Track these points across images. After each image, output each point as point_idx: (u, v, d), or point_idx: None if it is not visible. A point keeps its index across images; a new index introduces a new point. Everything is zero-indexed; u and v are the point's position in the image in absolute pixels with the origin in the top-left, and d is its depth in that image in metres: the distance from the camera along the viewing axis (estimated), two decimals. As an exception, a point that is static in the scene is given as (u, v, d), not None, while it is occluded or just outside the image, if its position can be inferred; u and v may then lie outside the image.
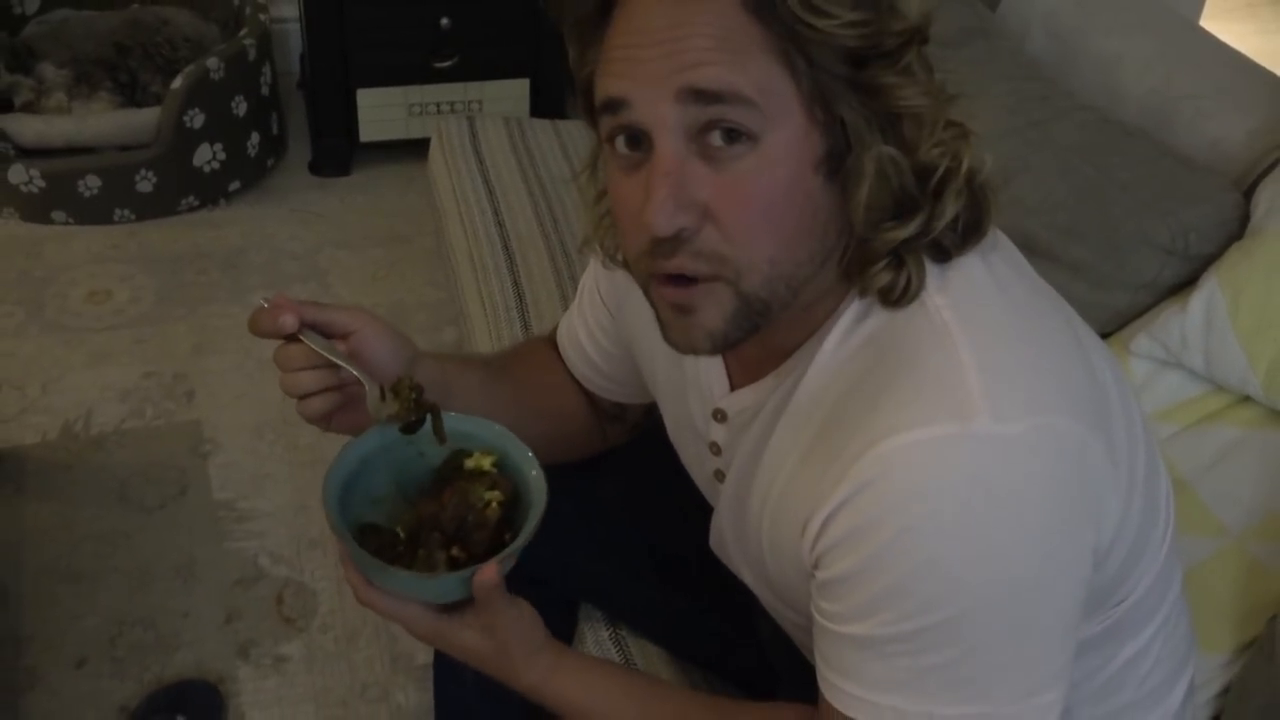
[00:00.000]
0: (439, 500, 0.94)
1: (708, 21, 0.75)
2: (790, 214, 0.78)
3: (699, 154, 0.77)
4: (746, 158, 0.77)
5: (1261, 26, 3.80)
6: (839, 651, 0.83)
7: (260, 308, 0.93)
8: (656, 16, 0.76)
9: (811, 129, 0.77)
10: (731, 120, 0.76)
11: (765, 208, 0.78)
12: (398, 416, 0.93)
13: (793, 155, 0.77)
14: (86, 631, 1.83)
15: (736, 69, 0.75)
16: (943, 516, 0.75)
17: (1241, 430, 1.27)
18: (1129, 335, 1.34)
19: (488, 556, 0.91)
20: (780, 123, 0.76)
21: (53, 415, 2.20)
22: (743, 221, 0.78)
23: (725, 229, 0.78)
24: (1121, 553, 0.88)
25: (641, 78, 0.77)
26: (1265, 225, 1.27)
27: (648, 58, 0.77)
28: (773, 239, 0.79)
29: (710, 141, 0.77)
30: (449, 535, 0.94)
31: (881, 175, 0.78)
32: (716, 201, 0.78)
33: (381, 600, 0.93)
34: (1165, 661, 1.03)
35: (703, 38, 0.75)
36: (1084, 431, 0.79)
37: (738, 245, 0.78)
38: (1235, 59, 1.55)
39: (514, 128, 2.11)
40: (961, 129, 0.80)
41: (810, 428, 0.85)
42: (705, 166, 0.77)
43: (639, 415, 1.23)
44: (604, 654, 1.26)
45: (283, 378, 0.96)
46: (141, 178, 2.63)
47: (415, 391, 0.93)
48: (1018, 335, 0.81)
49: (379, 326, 0.99)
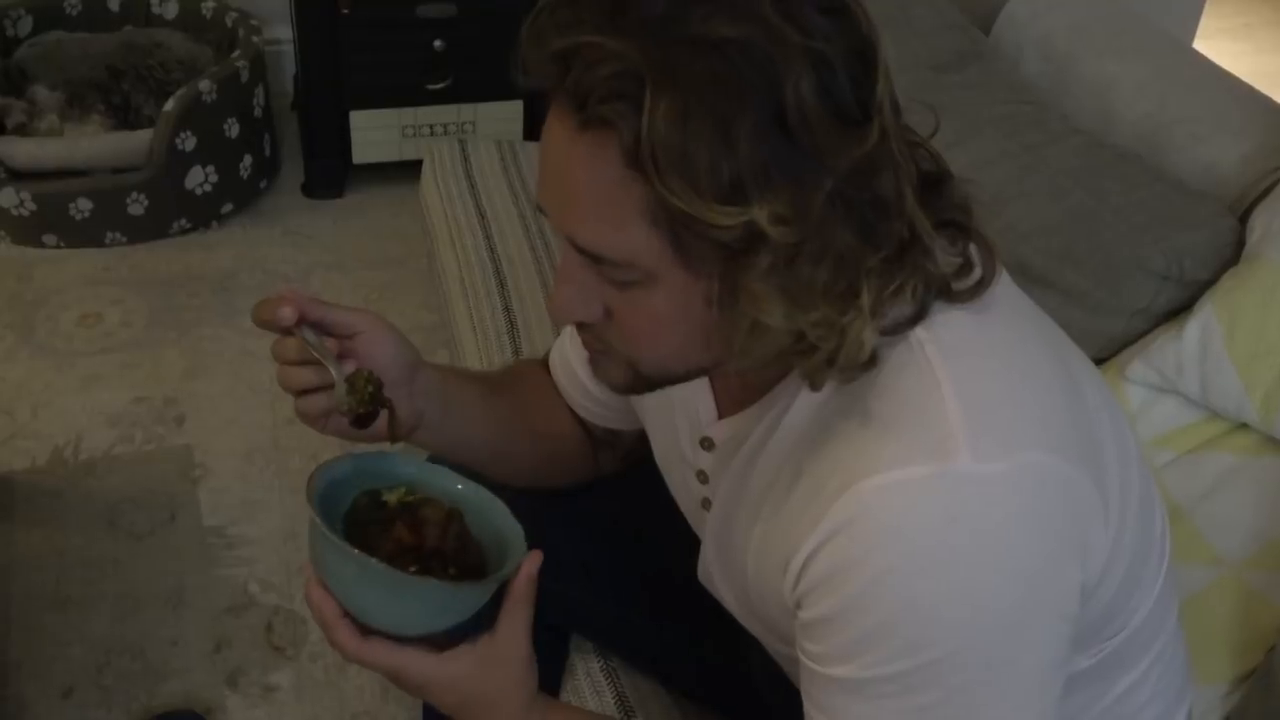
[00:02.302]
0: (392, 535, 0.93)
1: (589, 174, 0.73)
2: (680, 336, 0.80)
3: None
4: (638, 286, 0.78)
5: (1257, 46, 3.81)
6: (825, 693, 0.82)
7: (265, 298, 0.92)
8: (554, 149, 0.76)
9: (696, 280, 0.76)
10: (612, 275, 0.78)
11: (654, 328, 0.80)
12: (351, 409, 0.92)
13: (678, 296, 0.77)
14: (74, 660, 1.81)
15: (612, 233, 0.75)
16: (923, 557, 0.74)
17: (1238, 458, 1.25)
18: (1124, 361, 1.33)
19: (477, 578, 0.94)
20: (662, 278, 0.76)
21: (42, 440, 2.19)
22: (633, 332, 0.81)
23: (619, 332, 0.82)
24: (1113, 586, 0.87)
25: (545, 200, 0.80)
26: (1260, 251, 1.26)
27: (547, 189, 0.79)
28: (663, 350, 0.82)
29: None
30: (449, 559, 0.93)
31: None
32: (614, 308, 0.81)
33: (377, 651, 0.91)
34: (1162, 694, 1.02)
35: (585, 193, 0.75)
36: (1068, 467, 0.78)
37: (629, 346, 0.83)
38: (1230, 83, 1.55)
39: (506, 151, 2.11)
40: (858, 310, 0.74)
41: (793, 462, 0.84)
42: (606, 280, 0.79)
43: (632, 442, 1.22)
44: (594, 685, 1.25)
45: (278, 370, 0.95)
46: (133, 200, 2.62)
47: (372, 385, 0.92)
48: (1002, 369, 0.80)
49: (385, 330, 0.98)
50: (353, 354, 0.95)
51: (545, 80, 0.73)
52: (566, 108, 0.73)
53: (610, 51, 0.69)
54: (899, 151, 0.74)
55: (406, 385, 1.00)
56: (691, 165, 0.69)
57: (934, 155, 0.82)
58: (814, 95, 0.69)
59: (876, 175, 0.72)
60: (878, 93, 0.72)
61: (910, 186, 0.75)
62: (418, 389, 1.02)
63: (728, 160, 0.69)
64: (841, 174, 0.71)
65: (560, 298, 0.82)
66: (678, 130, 0.68)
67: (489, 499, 1.00)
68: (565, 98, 0.72)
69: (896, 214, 0.74)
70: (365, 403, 0.92)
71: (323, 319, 0.94)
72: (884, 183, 0.73)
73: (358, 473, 0.98)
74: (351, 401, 0.91)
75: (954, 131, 1.50)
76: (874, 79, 0.72)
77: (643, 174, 0.70)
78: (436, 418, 1.04)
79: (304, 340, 0.92)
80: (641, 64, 0.68)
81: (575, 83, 0.71)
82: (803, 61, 0.69)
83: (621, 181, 0.71)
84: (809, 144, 0.70)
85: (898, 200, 0.74)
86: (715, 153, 0.68)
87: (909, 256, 0.75)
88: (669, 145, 0.68)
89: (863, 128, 0.71)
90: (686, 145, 0.68)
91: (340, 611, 0.90)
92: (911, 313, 0.78)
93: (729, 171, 0.69)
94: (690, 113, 0.68)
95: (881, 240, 0.73)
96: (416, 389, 1.02)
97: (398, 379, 0.98)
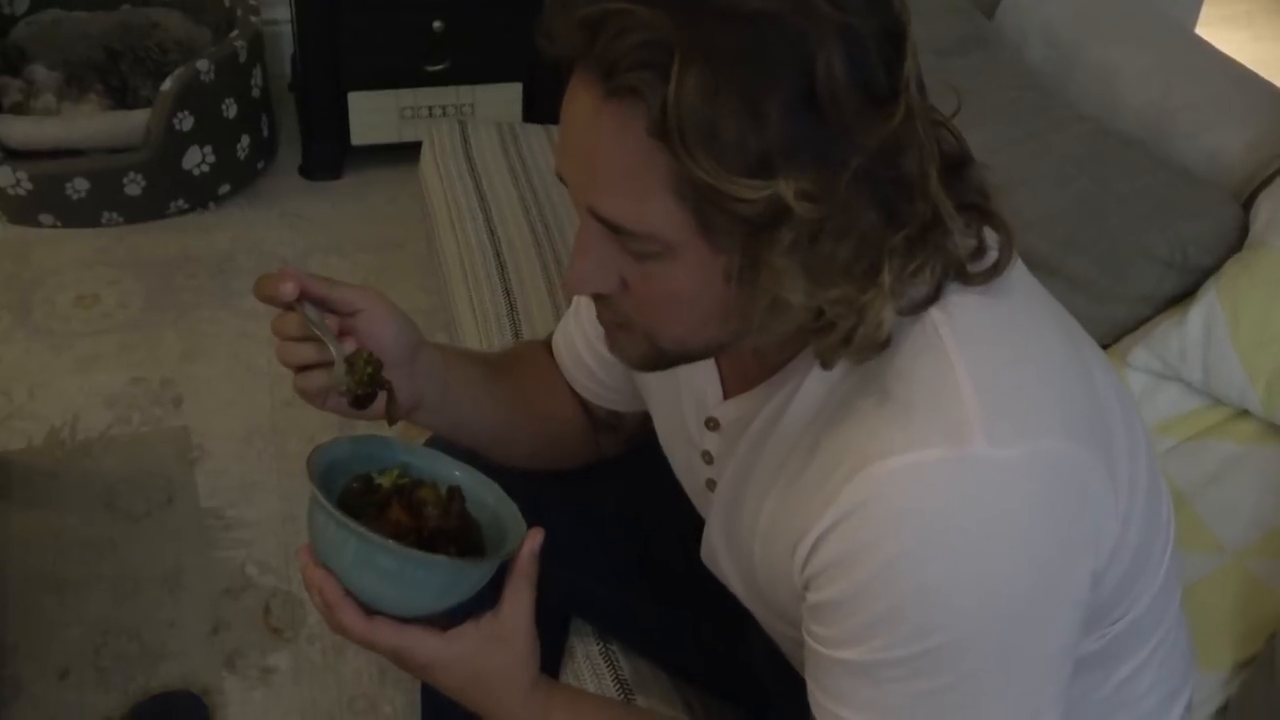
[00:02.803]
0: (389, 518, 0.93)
1: (613, 144, 0.73)
2: (698, 311, 0.80)
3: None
4: (657, 259, 0.77)
5: (1257, 34, 3.80)
6: (831, 675, 0.81)
7: (267, 272, 0.92)
8: (578, 118, 0.75)
9: (717, 254, 0.75)
10: (631, 247, 0.77)
11: (672, 302, 0.79)
12: (350, 389, 0.92)
13: (698, 271, 0.76)
14: (71, 641, 1.81)
15: (634, 204, 0.74)
16: (936, 542, 0.74)
17: (1240, 445, 1.25)
18: (1127, 348, 1.33)
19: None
20: (682, 251, 0.75)
21: (39, 421, 2.18)
22: (651, 305, 0.81)
23: (637, 305, 0.81)
24: (1120, 571, 0.87)
25: (567, 170, 0.79)
26: (1265, 238, 1.26)
27: (569, 159, 0.78)
28: (681, 325, 0.81)
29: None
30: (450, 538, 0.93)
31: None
32: (631, 281, 0.80)
33: (383, 631, 0.90)
34: (1164, 679, 1.02)
35: (608, 163, 0.74)
36: (1082, 453, 0.77)
37: (647, 320, 0.82)
38: (1234, 70, 1.54)
39: (506, 133, 2.10)
40: (879, 289, 0.73)
41: (804, 443, 0.84)
42: (625, 251, 0.78)
43: (634, 426, 1.22)
44: (594, 668, 1.25)
45: (277, 346, 0.94)
46: (130, 180, 2.61)
47: (371, 365, 0.91)
48: (1016, 353, 0.80)
49: (387, 308, 0.98)
50: (354, 332, 0.95)
51: (571, 48, 0.72)
52: (592, 76, 0.72)
53: (640, 20, 0.68)
54: (924, 131, 0.74)
55: (407, 365, 0.99)
56: (718, 138, 0.68)
57: (957, 136, 0.82)
58: (845, 71, 0.68)
59: (902, 154, 0.72)
60: (905, 71, 0.72)
61: (934, 167, 0.74)
62: (419, 369, 1.01)
63: (755, 134, 0.68)
64: (868, 152, 0.70)
65: (578, 269, 0.81)
66: (706, 102, 0.67)
67: (485, 483, 1.00)
68: (592, 66, 0.71)
69: (920, 194, 0.73)
70: (364, 384, 0.91)
71: (324, 296, 0.94)
72: (909, 162, 0.72)
73: (355, 455, 0.98)
74: (350, 382, 0.91)
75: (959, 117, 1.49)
76: (903, 57, 0.72)
77: (668, 145, 0.69)
78: (437, 398, 1.04)
79: (305, 317, 0.92)
80: (671, 34, 0.67)
81: (603, 50, 0.70)
82: (835, 37, 0.68)
83: (646, 152, 0.71)
84: (837, 120, 0.69)
85: (921, 180, 0.73)
86: (743, 126, 0.68)
87: (931, 237, 0.74)
88: (696, 117, 0.67)
89: (890, 105, 0.70)
90: (714, 117, 0.67)
91: (343, 591, 0.90)
92: (927, 294, 0.78)
93: (756, 145, 0.68)
94: (719, 85, 0.67)
95: (905, 220, 0.73)
96: (418, 369, 1.01)
97: (399, 358, 0.98)
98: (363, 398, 0.92)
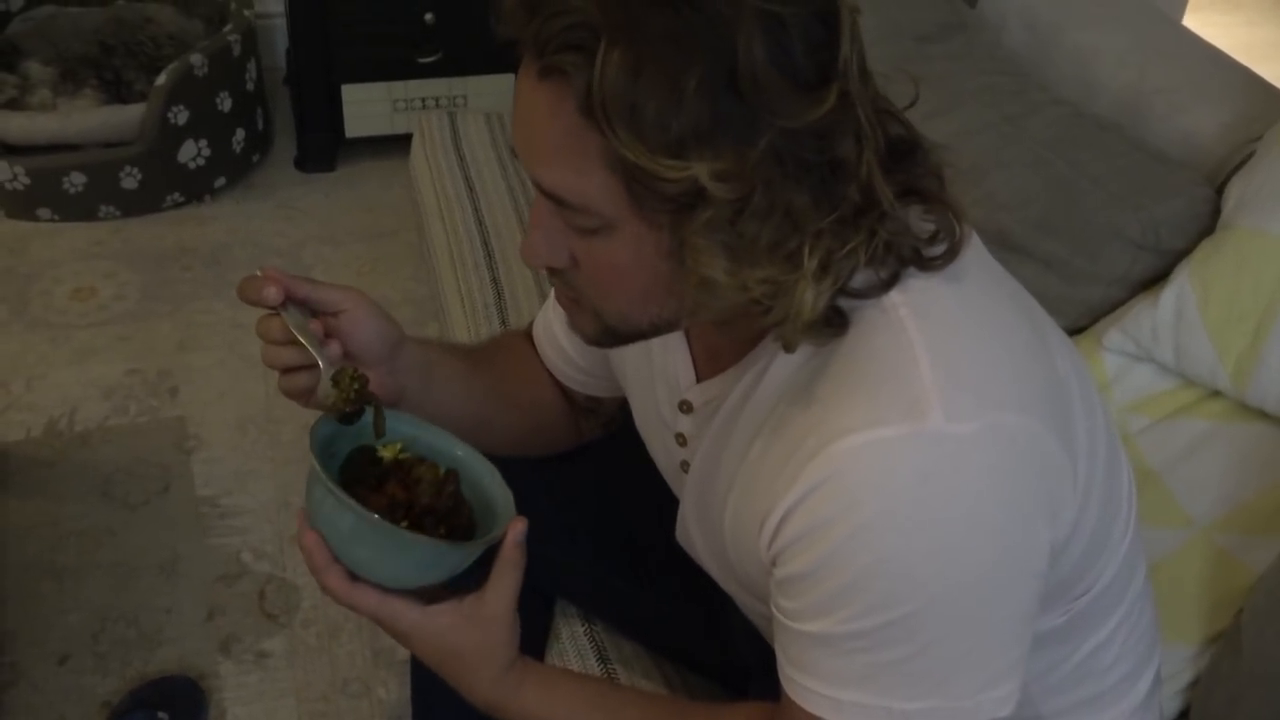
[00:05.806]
0: (385, 491, 0.95)
1: (549, 121, 0.75)
2: (638, 286, 0.82)
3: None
4: (599, 235, 0.79)
5: (1247, 18, 3.80)
6: (799, 648, 0.83)
7: (252, 275, 0.94)
8: (521, 95, 0.78)
9: (650, 231, 0.77)
10: (575, 222, 0.79)
11: (614, 277, 0.82)
12: (335, 407, 0.94)
13: (635, 246, 0.79)
14: (69, 627, 1.83)
15: (574, 178, 0.76)
16: (896, 515, 0.76)
17: (1210, 423, 1.27)
18: (1101, 330, 1.34)
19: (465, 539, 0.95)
20: (620, 226, 0.78)
21: (37, 412, 2.20)
22: (595, 280, 0.83)
23: (585, 280, 0.84)
24: (1080, 546, 0.88)
25: (516, 143, 0.81)
26: (1234, 220, 1.27)
27: (517, 133, 0.80)
28: (624, 300, 0.84)
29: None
30: (440, 518, 0.95)
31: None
32: (578, 256, 0.82)
33: (366, 596, 0.93)
34: (1130, 654, 1.03)
35: (546, 139, 0.77)
36: (1039, 428, 0.79)
37: (594, 295, 0.84)
38: (1210, 53, 1.55)
39: (495, 123, 2.12)
40: (799, 272, 0.75)
41: (770, 422, 0.86)
42: (570, 226, 0.81)
43: (613, 410, 1.24)
44: (579, 649, 1.27)
45: (264, 349, 0.96)
46: (126, 174, 2.63)
47: (357, 383, 0.93)
48: (975, 331, 0.81)
49: (368, 308, 1.00)
50: (336, 331, 0.97)
51: (515, 28, 0.75)
52: (530, 55, 0.75)
53: (571, 3, 0.71)
54: (866, 118, 0.75)
55: (388, 362, 1.02)
56: (639, 117, 0.70)
57: (905, 123, 0.83)
58: (766, 56, 0.70)
59: (834, 138, 0.73)
60: (840, 57, 0.73)
61: (874, 152, 0.76)
62: (400, 365, 1.03)
63: (675, 115, 0.70)
64: (793, 135, 0.72)
65: (529, 240, 0.84)
66: (628, 83, 0.70)
67: (484, 464, 1.01)
68: (530, 45, 0.74)
69: (853, 177, 0.75)
70: (351, 401, 0.93)
71: (307, 297, 0.96)
72: (843, 146, 0.74)
73: (362, 424, 0.99)
74: (338, 399, 0.93)
75: (936, 101, 1.51)
76: (836, 43, 0.73)
77: (595, 124, 0.72)
78: (418, 392, 1.06)
79: (288, 322, 0.93)
80: (598, 17, 0.70)
81: (536, 31, 0.73)
82: (757, 21, 0.70)
83: (578, 130, 0.73)
84: (759, 104, 0.71)
85: (856, 164, 0.75)
86: (663, 107, 0.70)
87: (864, 220, 0.76)
88: (619, 97, 0.70)
89: (819, 91, 0.72)
90: (636, 98, 0.70)
91: (331, 557, 0.92)
92: (886, 277, 0.79)
93: (676, 126, 0.70)
94: (641, 66, 0.69)
95: (836, 203, 0.75)
96: (399, 365, 1.03)
97: (380, 355, 1.00)
98: (350, 414, 0.94)
